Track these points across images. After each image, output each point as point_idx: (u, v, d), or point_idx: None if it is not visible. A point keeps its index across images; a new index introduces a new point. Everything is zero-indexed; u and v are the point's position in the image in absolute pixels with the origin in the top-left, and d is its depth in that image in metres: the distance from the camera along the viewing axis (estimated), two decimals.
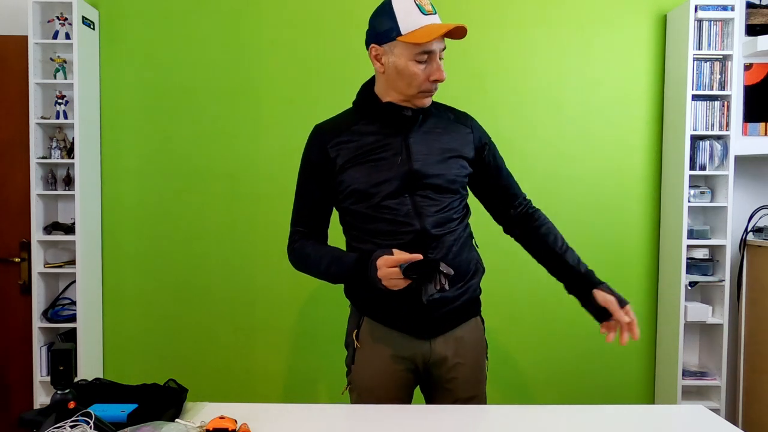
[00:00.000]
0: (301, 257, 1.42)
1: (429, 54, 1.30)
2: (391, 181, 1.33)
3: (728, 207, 2.48)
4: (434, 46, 1.29)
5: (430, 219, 1.34)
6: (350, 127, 1.39)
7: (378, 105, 1.38)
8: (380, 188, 1.33)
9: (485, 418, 1.25)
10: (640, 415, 1.29)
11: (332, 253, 1.36)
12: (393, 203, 1.33)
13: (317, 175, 1.39)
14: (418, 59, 1.30)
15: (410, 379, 1.45)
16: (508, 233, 1.54)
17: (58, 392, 1.07)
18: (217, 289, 2.67)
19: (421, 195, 1.35)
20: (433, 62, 1.31)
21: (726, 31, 2.48)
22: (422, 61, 1.30)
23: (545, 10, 2.64)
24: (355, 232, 1.39)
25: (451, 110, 1.48)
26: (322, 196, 1.41)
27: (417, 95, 1.34)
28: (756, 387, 2.52)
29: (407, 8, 1.28)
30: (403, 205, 1.33)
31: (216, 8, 2.64)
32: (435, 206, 1.35)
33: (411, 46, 1.29)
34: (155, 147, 2.66)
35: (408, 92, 1.34)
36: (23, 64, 2.48)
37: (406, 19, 1.28)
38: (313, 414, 1.27)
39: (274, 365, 2.68)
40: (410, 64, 1.30)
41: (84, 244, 2.50)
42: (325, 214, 1.45)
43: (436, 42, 1.29)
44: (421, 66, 1.31)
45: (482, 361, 1.49)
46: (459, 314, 1.43)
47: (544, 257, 1.49)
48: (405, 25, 1.28)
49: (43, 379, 2.49)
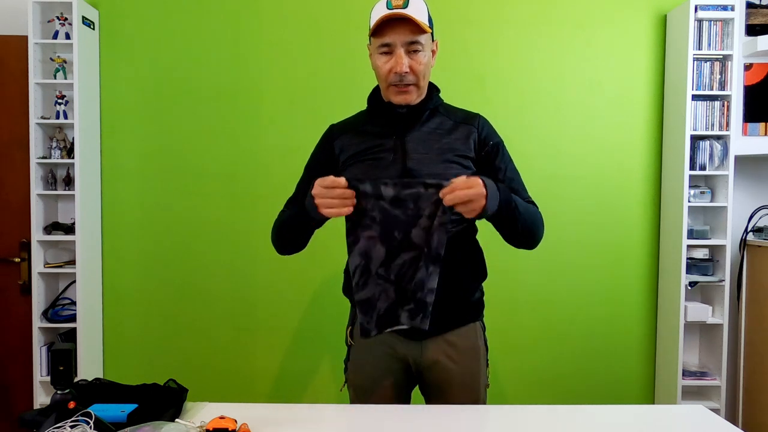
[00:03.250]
0: (276, 222, 1.43)
1: (389, 46, 1.30)
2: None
3: (728, 207, 2.48)
4: (391, 38, 1.29)
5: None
6: (358, 126, 1.42)
7: (381, 104, 1.40)
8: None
9: (485, 418, 1.25)
10: (640, 415, 1.29)
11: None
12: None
13: (319, 168, 1.40)
14: (380, 51, 1.31)
15: (405, 379, 1.44)
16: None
17: (58, 392, 1.07)
18: (217, 289, 2.67)
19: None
20: (395, 55, 1.30)
21: (726, 31, 2.48)
22: (385, 53, 1.31)
23: (545, 9, 2.64)
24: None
25: (462, 111, 1.45)
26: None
27: (388, 90, 1.35)
28: (756, 387, 2.52)
29: (379, 5, 1.30)
30: None
31: (216, 8, 2.63)
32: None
33: (374, 39, 1.32)
34: (155, 147, 2.66)
35: (382, 87, 1.37)
36: (23, 64, 2.48)
37: (374, 14, 1.31)
38: (313, 414, 1.27)
39: (275, 365, 2.68)
40: (375, 58, 1.34)
41: (84, 244, 2.50)
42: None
43: (394, 34, 1.28)
44: (384, 58, 1.31)
45: (478, 368, 1.43)
46: (452, 318, 1.41)
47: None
48: (372, 20, 1.31)
49: (43, 379, 2.49)
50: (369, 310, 1.23)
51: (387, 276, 1.22)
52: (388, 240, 1.20)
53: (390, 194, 1.17)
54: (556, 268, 2.67)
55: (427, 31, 1.30)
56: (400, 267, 1.21)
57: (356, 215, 1.19)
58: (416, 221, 1.18)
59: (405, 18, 1.26)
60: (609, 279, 2.69)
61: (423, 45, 1.31)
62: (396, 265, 1.21)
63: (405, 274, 1.21)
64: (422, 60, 1.31)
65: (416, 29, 1.28)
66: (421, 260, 1.21)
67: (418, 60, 1.31)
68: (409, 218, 1.18)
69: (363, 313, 1.24)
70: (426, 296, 1.23)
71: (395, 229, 1.19)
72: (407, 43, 1.29)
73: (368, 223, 1.19)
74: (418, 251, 1.20)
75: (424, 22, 1.28)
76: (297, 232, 1.37)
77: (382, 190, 1.17)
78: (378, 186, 1.17)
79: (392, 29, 1.28)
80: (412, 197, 1.17)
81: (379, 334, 1.27)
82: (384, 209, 1.18)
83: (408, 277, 1.21)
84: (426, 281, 1.22)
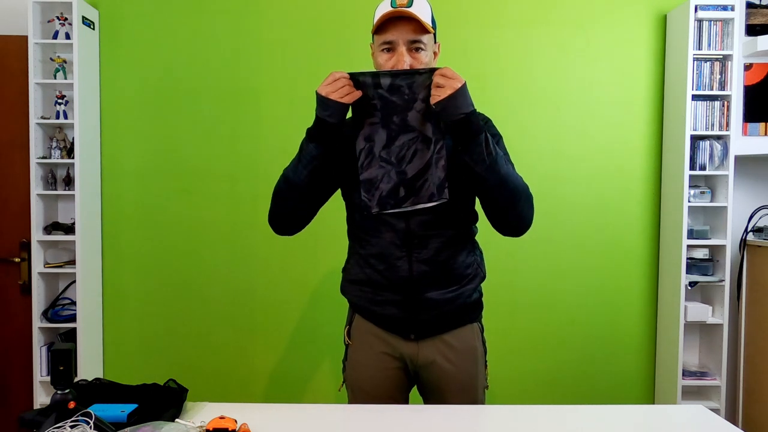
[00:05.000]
0: (276, 185, 1.39)
1: (391, 44, 1.30)
2: None
3: (728, 207, 2.48)
4: (394, 36, 1.29)
5: (418, 219, 1.34)
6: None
7: None
8: None
9: (484, 418, 1.25)
10: (640, 415, 1.29)
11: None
12: None
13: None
14: (383, 48, 1.31)
15: (402, 379, 1.44)
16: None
17: (58, 392, 1.07)
18: (217, 289, 2.67)
19: None
20: (397, 53, 1.30)
21: (726, 31, 2.48)
22: (387, 50, 1.31)
23: (545, 10, 2.64)
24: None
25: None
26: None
27: None
28: (756, 387, 2.52)
29: (384, 3, 1.31)
30: None
31: (216, 8, 2.63)
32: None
33: (376, 37, 1.32)
34: (155, 147, 2.66)
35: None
36: (23, 64, 2.48)
37: (378, 12, 1.31)
38: (312, 414, 1.27)
39: (274, 365, 2.68)
40: (378, 56, 1.33)
41: (84, 244, 2.50)
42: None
43: (396, 32, 1.28)
44: (386, 56, 1.31)
45: (477, 370, 1.43)
46: (449, 319, 1.41)
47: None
48: (375, 18, 1.31)
49: (43, 379, 2.49)
50: (371, 189, 1.30)
51: (389, 158, 1.29)
52: (387, 124, 1.29)
53: (387, 83, 1.25)
54: (555, 268, 2.67)
55: (429, 31, 1.30)
56: (400, 149, 1.29)
57: (360, 105, 1.28)
58: (412, 105, 1.26)
59: (408, 17, 1.26)
60: (609, 279, 2.69)
61: (425, 45, 1.31)
62: (396, 147, 1.29)
63: (404, 156, 1.29)
64: (423, 59, 1.31)
65: (419, 28, 1.28)
66: (418, 142, 1.28)
67: (420, 59, 1.31)
68: (405, 102, 1.26)
69: (365, 191, 1.31)
70: (433, 171, 1.28)
71: (393, 114, 1.27)
72: (409, 42, 1.29)
73: (370, 111, 1.28)
74: (416, 133, 1.28)
75: (427, 22, 1.28)
76: (299, 175, 1.32)
77: (381, 79, 1.25)
78: (377, 75, 1.26)
79: (395, 27, 1.28)
80: (407, 83, 1.25)
81: (380, 212, 1.31)
82: (383, 96, 1.27)
83: (408, 159, 1.29)
84: (431, 159, 1.28)
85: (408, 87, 1.25)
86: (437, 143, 1.27)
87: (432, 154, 1.28)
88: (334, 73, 1.24)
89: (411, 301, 1.37)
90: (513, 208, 1.29)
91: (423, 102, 1.25)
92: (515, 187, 1.28)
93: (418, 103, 1.25)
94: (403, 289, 1.37)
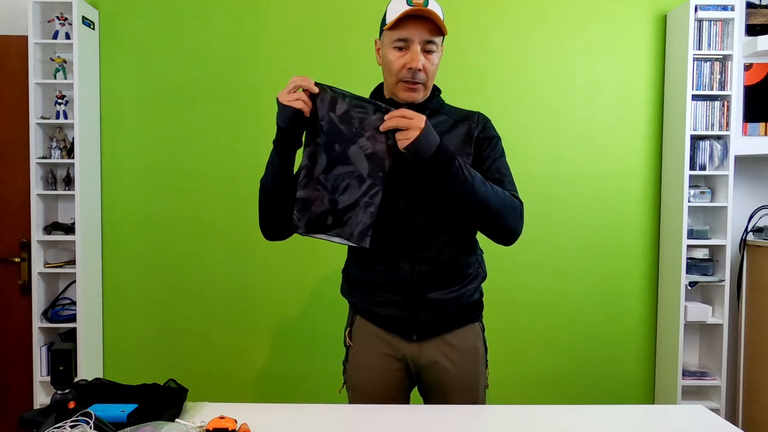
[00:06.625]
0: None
1: (406, 41, 1.29)
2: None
3: (728, 207, 2.48)
4: (410, 33, 1.28)
5: (420, 218, 1.34)
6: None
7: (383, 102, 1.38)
8: None
9: (484, 418, 1.25)
10: (640, 415, 1.29)
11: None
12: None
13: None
14: (396, 46, 1.30)
15: (404, 380, 1.44)
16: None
17: (58, 392, 1.07)
18: (217, 289, 2.67)
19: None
20: (410, 51, 1.29)
21: (726, 31, 2.48)
22: (400, 48, 1.30)
23: (545, 10, 2.64)
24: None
25: (463, 110, 1.44)
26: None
27: (397, 85, 1.33)
28: (756, 387, 2.52)
29: (398, 1, 1.30)
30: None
31: (216, 8, 2.64)
32: (427, 206, 1.34)
33: (389, 33, 1.31)
34: (155, 147, 2.66)
35: (390, 81, 1.35)
36: (23, 64, 2.48)
37: (392, 9, 1.30)
38: (312, 414, 1.27)
39: (274, 365, 2.68)
40: (389, 52, 1.32)
41: (84, 244, 2.50)
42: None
43: (413, 30, 1.28)
44: (398, 53, 1.31)
45: (478, 369, 1.43)
46: (451, 319, 1.41)
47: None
48: (390, 15, 1.30)
49: (43, 379, 2.49)
50: (303, 209, 1.28)
51: (325, 184, 1.27)
52: (329, 150, 1.27)
53: (342, 110, 1.24)
54: (556, 268, 2.67)
55: (445, 33, 1.30)
56: (336, 178, 1.27)
57: (311, 120, 1.26)
58: (356, 140, 1.24)
59: (425, 17, 1.26)
60: (609, 279, 2.69)
61: (437, 46, 1.31)
62: (333, 175, 1.27)
63: (338, 186, 1.27)
64: (435, 61, 1.32)
65: (434, 29, 1.28)
66: (353, 177, 1.26)
67: (432, 60, 1.31)
68: (351, 135, 1.24)
69: (297, 210, 1.28)
70: (359, 213, 1.26)
71: (337, 142, 1.25)
72: (425, 42, 1.29)
73: (318, 131, 1.27)
74: (353, 167, 1.26)
75: (443, 24, 1.28)
76: (267, 181, 1.33)
77: (338, 103, 1.24)
78: (336, 99, 1.24)
79: (413, 25, 1.28)
80: (359, 117, 1.23)
81: (305, 234, 1.29)
82: (332, 121, 1.25)
83: (341, 190, 1.27)
84: (360, 200, 1.26)
85: (359, 121, 1.23)
86: (372, 187, 1.24)
87: (362, 195, 1.25)
88: (295, 78, 1.23)
89: (412, 302, 1.37)
90: (497, 223, 1.29)
91: (368, 141, 1.23)
92: (498, 203, 1.27)
93: (363, 140, 1.23)
94: (404, 289, 1.37)
